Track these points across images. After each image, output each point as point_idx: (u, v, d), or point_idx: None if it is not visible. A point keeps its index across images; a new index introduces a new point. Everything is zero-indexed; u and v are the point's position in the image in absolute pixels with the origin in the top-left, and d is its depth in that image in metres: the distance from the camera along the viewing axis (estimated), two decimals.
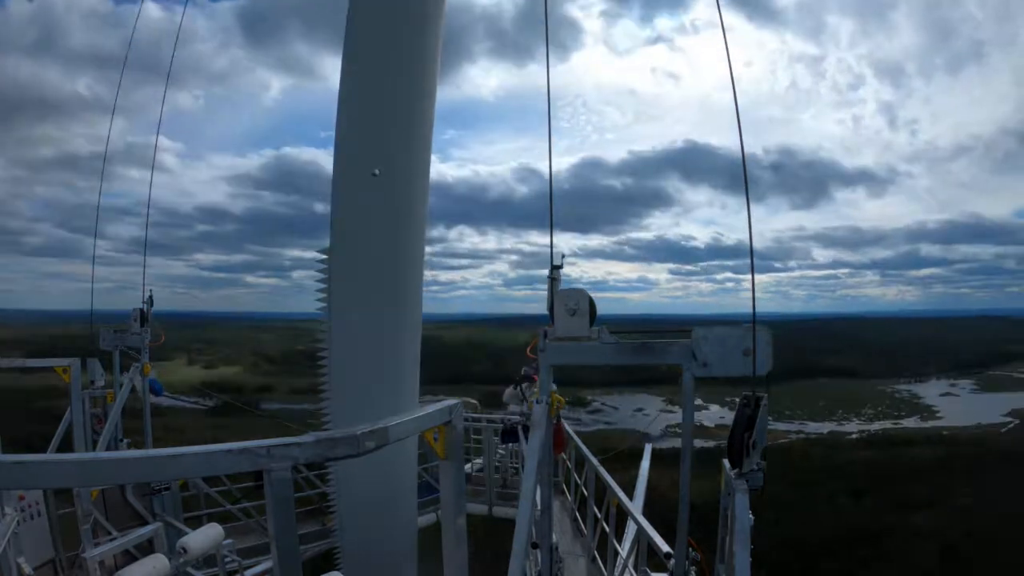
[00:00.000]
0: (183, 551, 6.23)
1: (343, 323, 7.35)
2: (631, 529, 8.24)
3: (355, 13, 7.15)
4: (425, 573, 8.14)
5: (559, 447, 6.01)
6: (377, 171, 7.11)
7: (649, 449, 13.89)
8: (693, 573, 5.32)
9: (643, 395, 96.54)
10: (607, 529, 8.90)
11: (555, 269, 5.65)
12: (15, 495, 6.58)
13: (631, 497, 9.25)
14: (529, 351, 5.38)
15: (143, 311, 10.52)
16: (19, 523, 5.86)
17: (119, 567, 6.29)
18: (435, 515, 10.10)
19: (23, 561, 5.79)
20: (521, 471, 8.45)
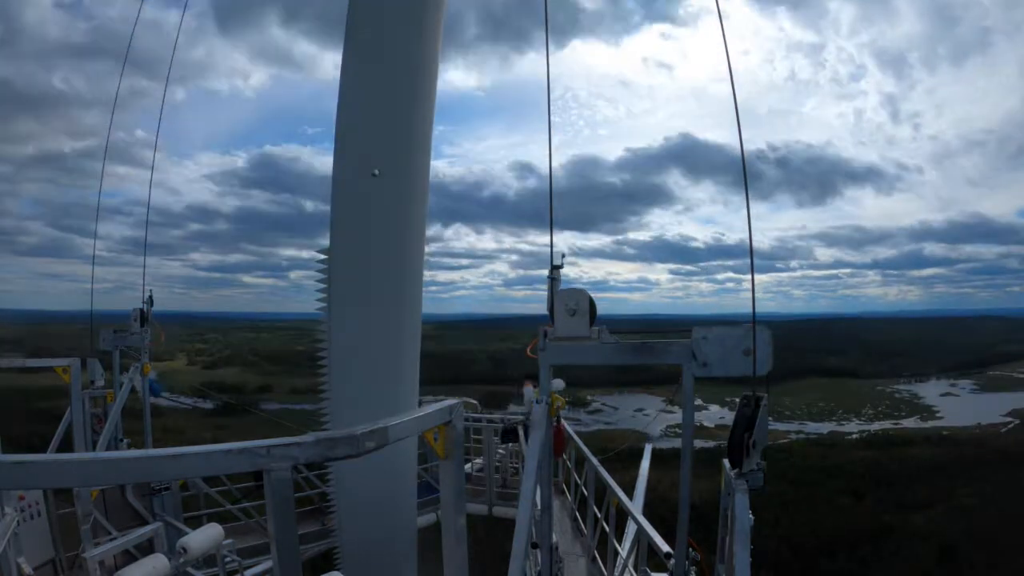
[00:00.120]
0: (183, 551, 6.23)
1: (343, 323, 7.34)
2: (631, 529, 8.24)
3: (355, 13, 7.15)
4: (425, 573, 8.14)
5: (559, 450, 5.99)
6: (377, 171, 7.12)
7: (649, 449, 13.90)
8: (693, 573, 5.32)
9: (643, 395, 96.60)
10: (607, 529, 8.90)
11: (555, 269, 5.65)
12: (15, 495, 6.56)
13: (631, 497, 9.25)
14: (529, 351, 5.38)
15: (143, 311, 10.52)
16: (19, 523, 5.85)
17: (119, 567, 6.28)
18: (435, 515, 10.10)
19: (23, 561, 5.79)
20: (521, 471, 8.45)
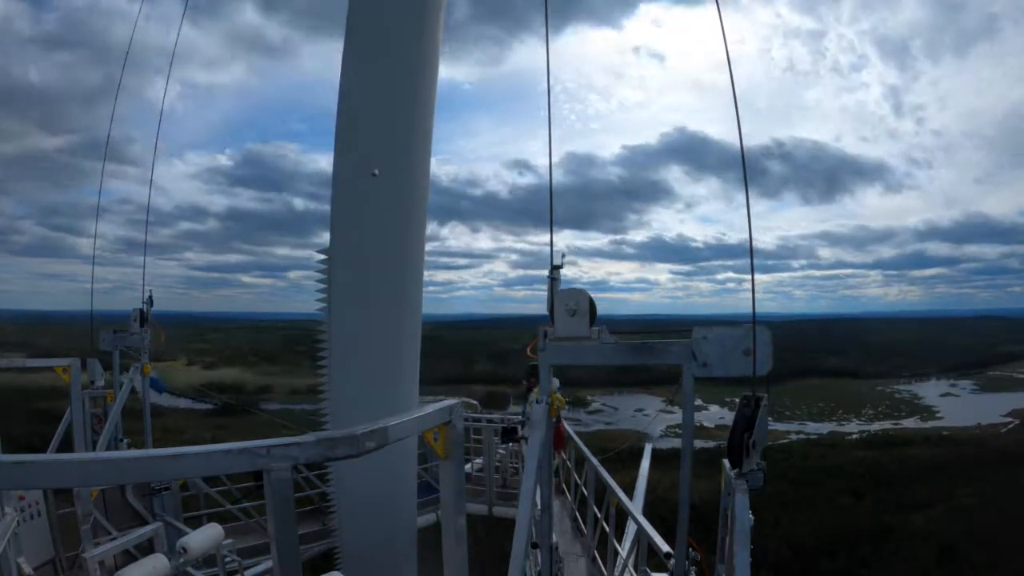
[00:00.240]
0: (183, 551, 6.23)
1: (343, 323, 7.35)
2: (631, 529, 8.24)
3: (355, 12, 7.15)
4: (425, 573, 8.14)
5: (558, 444, 6.01)
6: (377, 171, 7.13)
7: (649, 449, 13.90)
8: (693, 573, 5.32)
9: (643, 396, 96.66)
10: (607, 529, 8.90)
11: (555, 269, 5.65)
12: (15, 495, 6.56)
13: (631, 497, 9.25)
14: (529, 351, 5.38)
15: (143, 311, 10.52)
16: (19, 523, 5.85)
17: (119, 567, 6.29)
18: (435, 515, 10.10)
19: (23, 561, 5.79)
20: (521, 471, 8.45)
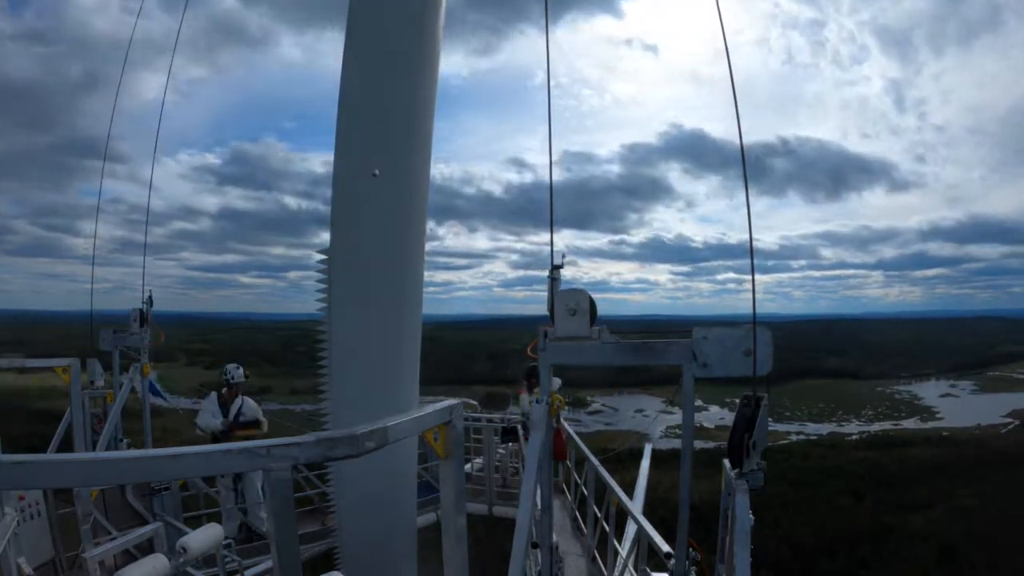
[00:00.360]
0: (183, 551, 6.23)
1: (343, 324, 7.35)
2: (631, 529, 8.25)
3: (355, 11, 7.15)
4: (425, 573, 8.13)
5: (560, 454, 5.99)
6: (377, 172, 7.13)
7: (649, 449, 13.88)
8: (693, 573, 5.33)
9: (643, 396, 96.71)
10: (607, 529, 8.91)
11: (555, 269, 5.66)
12: (15, 495, 6.57)
13: (631, 497, 9.25)
14: (529, 351, 5.40)
15: (142, 311, 10.53)
16: (19, 523, 5.86)
17: (119, 567, 6.28)
18: (435, 515, 10.10)
19: (23, 561, 5.79)
20: (521, 471, 8.44)
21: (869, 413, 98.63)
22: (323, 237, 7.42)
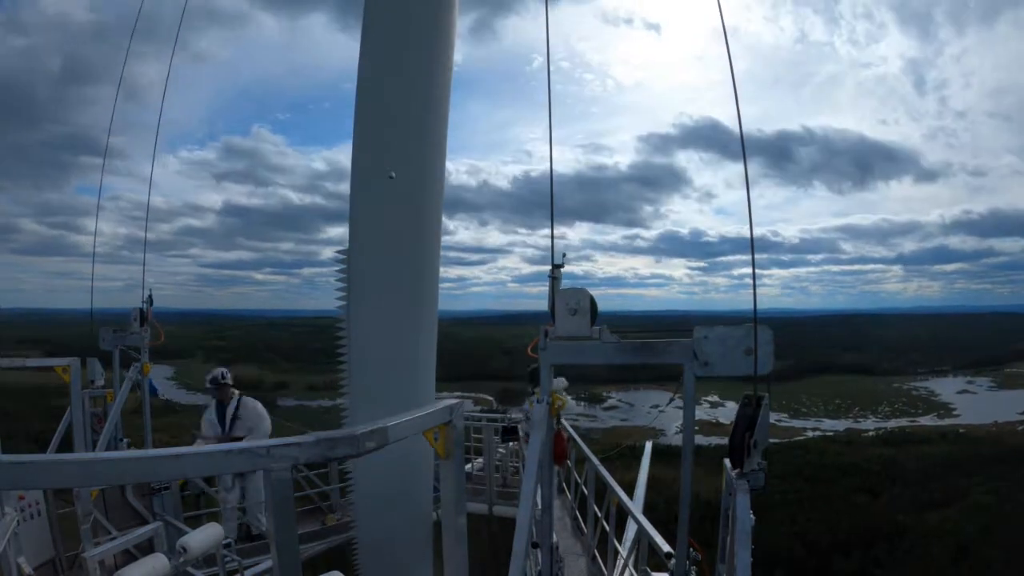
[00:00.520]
0: (183, 551, 6.22)
1: (361, 320, 7.45)
2: (631, 528, 8.25)
3: (370, 18, 7.20)
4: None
5: (561, 456, 5.97)
6: (393, 174, 7.24)
7: (649, 448, 13.86)
8: (694, 573, 5.33)
9: (658, 392, 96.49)
10: (607, 528, 8.92)
11: (556, 268, 5.67)
12: (15, 495, 6.59)
13: (632, 496, 9.24)
14: (530, 350, 5.41)
15: (143, 311, 10.57)
16: (19, 523, 5.87)
17: (119, 567, 6.28)
18: (435, 514, 10.15)
19: (23, 561, 5.80)
20: (521, 470, 8.46)
21: (886, 409, 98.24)
22: (331, 233, 7.52)
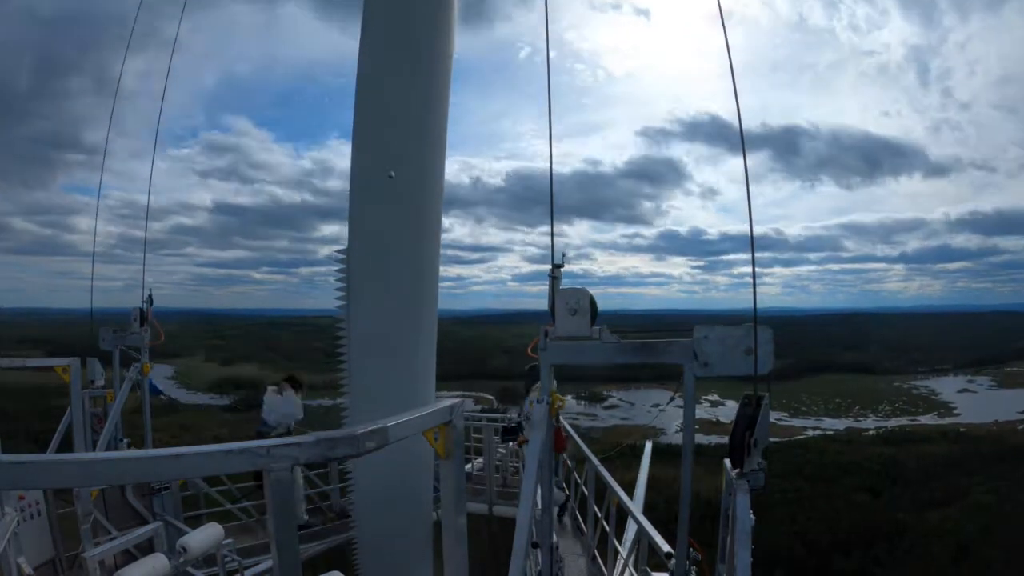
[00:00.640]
0: (183, 551, 6.25)
1: (361, 320, 7.45)
2: (631, 528, 8.25)
3: (369, 18, 7.20)
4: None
5: (559, 447, 6.00)
6: (393, 173, 7.23)
7: (649, 448, 13.82)
8: (694, 573, 5.33)
9: (659, 390, 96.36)
10: (607, 529, 8.92)
11: (556, 268, 5.67)
12: (15, 495, 6.59)
13: (632, 496, 9.23)
14: (530, 350, 5.40)
15: (142, 311, 10.54)
16: (19, 523, 5.86)
17: (119, 567, 6.27)
18: (435, 514, 10.14)
19: (23, 561, 5.79)
20: (521, 470, 8.45)
21: (886, 408, 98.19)
22: (325, 231, 7.56)
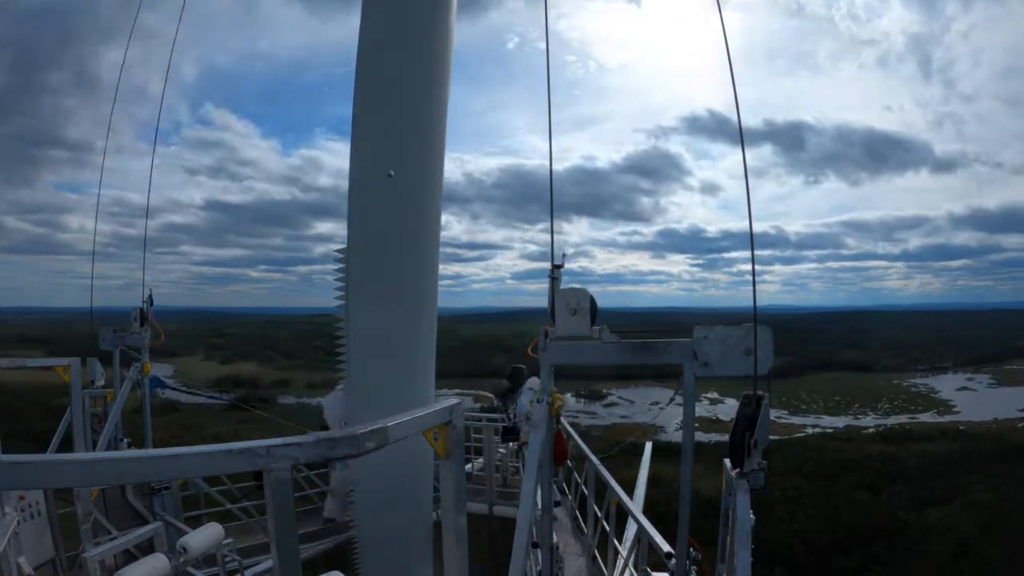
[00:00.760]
0: (183, 550, 6.25)
1: (360, 319, 7.44)
2: (631, 528, 8.25)
3: (367, 20, 7.19)
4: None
5: (561, 457, 5.97)
6: (392, 172, 7.21)
7: (649, 448, 13.82)
8: (694, 573, 5.33)
9: (659, 388, 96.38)
10: (607, 528, 8.92)
11: (556, 268, 5.66)
12: (15, 495, 6.63)
13: (632, 496, 9.22)
14: (530, 350, 5.40)
15: (142, 310, 10.53)
16: (19, 523, 5.88)
17: (119, 567, 6.28)
18: (435, 514, 10.14)
19: (23, 561, 5.79)
20: (521, 470, 8.44)
21: (885, 406, 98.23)
22: (320, 229, 7.50)
